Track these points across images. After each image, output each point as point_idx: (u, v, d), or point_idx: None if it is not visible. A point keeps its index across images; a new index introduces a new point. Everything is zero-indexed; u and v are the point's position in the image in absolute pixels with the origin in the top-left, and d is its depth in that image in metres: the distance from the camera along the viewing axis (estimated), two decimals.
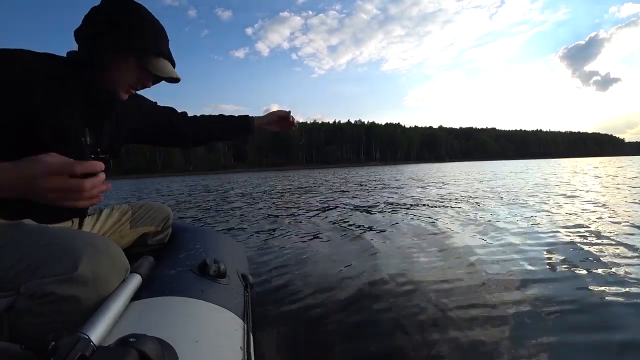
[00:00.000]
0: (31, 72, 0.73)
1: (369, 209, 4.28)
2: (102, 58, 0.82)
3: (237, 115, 1.30)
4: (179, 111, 1.22)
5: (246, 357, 0.64)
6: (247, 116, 1.29)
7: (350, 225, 3.25)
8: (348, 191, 7.28)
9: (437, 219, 3.32)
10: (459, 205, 4.31)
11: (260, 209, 4.96)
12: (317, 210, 4.48)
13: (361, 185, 8.90)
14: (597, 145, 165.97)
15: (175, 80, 0.94)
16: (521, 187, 6.34)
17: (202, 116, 1.26)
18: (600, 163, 22.11)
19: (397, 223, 3.23)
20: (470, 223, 3.06)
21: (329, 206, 4.83)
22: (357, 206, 4.67)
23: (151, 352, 0.47)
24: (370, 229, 3.02)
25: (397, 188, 7.54)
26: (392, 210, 4.09)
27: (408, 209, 4.19)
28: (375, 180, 10.98)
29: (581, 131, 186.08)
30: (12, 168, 0.58)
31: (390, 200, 5.26)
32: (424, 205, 4.48)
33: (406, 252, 2.18)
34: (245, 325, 0.74)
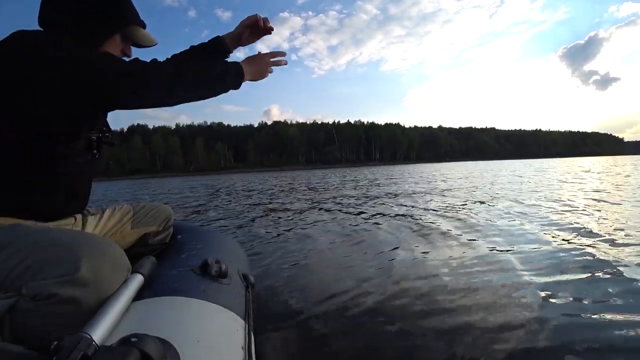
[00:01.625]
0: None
1: (373, 209, 4.28)
2: (96, 46, 0.85)
3: (207, 41, 1.17)
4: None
5: (247, 357, 0.64)
6: (217, 37, 1.16)
7: (353, 225, 3.24)
8: (351, 190, 7.29)
9: (447, 220, 3.33)
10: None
11: (262, 209, 4.96)
12: (318, 210, 4.48)
13: (369, 184, 8.89)
14: (596, 145, 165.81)
15: (154, 45, 0.99)
16: None
17: (174, 56, 1.15)
18: (609, 163, 20.61)
19: (402, 224, 3.23)
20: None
21: (330, 206, 4.83)
22: (360, 206, 4.67)
23: (153, 352, 0.47)
24: (374, 228, 3.02)
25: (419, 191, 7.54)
26: (400, 211, 4.09)
27: (423, 209, 4.19)
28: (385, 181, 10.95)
29: (581, 130, 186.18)
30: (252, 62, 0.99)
31: (396, 200, 5.26)
32: (448, 207, 4.48)
33: (411, 252, 2.18)
34: (247, 325, 0.74)
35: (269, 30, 1.15)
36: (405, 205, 4.49)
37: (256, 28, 1.15)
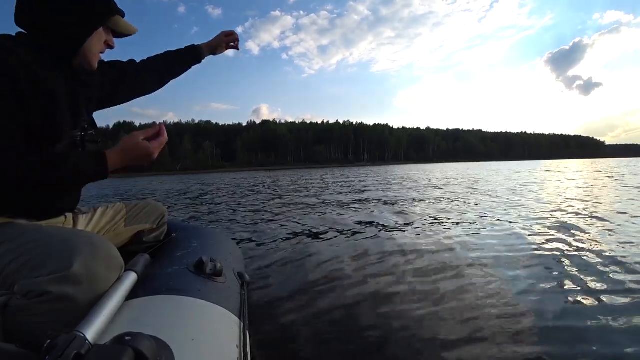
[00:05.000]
0: (23, 67, 0.72)
1: (370, 209, 4.29)
2: (84, 41, 0.84)
3: (184, 47, 1.28)
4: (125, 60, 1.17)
5: (242, 355, 0.63)
6: (194, 47, 1.28)
7: (348, 224, 3.24)
8: (344, 190, 7.29)
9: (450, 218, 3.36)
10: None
11: (256, 208, 4.92)
12: (314, 209, 4.48)
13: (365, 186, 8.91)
14: (579, 148, 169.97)
15: (134, 33, 0.96)
16: None
17: (152, 58, 1.22)
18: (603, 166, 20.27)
19: (400, 223, 3.25)
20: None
21: (326, 205, 4.82)
22: (356, 206, 4.66)
23: (147, 351, 0.46)
24: (372, 228, 3.02)
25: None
26: (397, 210, 4.11)
27: (418, 207, 4.22)
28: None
29: (564, 133, 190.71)
30: (127, 148, 0.79)
31: (391, 199, 5.29)
32: (435, 205, 4.52)
33: (409, 252, 2.18)
34: (242, 323, 0.73)
35: (237, 47, 1.35)
36: (419, 212, 4.52)
37: (231, 42, 1.32)
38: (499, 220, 3.15)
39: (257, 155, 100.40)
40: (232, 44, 1.33)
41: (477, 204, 4.30)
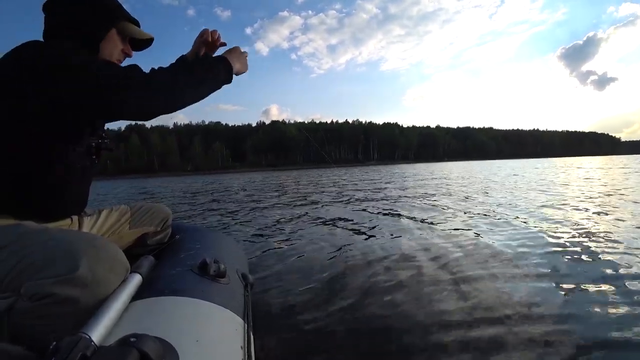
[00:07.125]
0: None
1: (375, 210, 4.28)
2: (99, 45, 0.88)
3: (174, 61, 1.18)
4: None
5: (246, 356, 0.64)
6: (182, 57, 1.14)
7: (353, 225, 3.24)
8: (351, 190, 7.27)
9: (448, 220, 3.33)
10: None
11: (260, 208, 4.95)
12: (317, 209, 4.48)
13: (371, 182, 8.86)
14: (594, 145, 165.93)
15: (150, 40, 1.01)
16: None
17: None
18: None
19: (401, 225, 3.23)
20: None
21: (331, 206, 4.82)
22: (362, 207, 4.66)
23: (152, 352, 0.47)
24: (375, 228, 3.01)
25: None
26: (398, 212, 4.09)
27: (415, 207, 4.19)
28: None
29: (578, 130, 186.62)
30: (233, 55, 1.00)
31: (394, 200, 5.26)
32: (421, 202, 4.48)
33: (410, 252, 2.18)
34: (246, 325, 0.74)
35: (221, 44, 1.16)
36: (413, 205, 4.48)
37: (210, 43, 1.15)
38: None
39: (267, 155, 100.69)
40: (215, 42, 1.15)
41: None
